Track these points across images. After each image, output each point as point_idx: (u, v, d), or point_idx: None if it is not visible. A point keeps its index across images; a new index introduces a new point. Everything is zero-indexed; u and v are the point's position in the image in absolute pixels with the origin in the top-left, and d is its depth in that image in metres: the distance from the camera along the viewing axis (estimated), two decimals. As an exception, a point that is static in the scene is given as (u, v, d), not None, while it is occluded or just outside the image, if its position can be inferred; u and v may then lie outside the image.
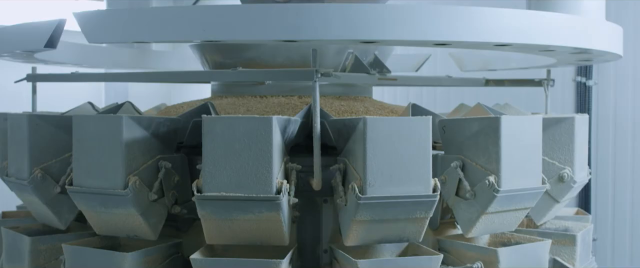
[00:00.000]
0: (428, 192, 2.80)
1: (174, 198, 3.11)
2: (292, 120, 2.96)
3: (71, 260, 3.08)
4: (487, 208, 2.98)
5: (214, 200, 2.73)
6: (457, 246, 3.21)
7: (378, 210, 2.78)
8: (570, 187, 3.45)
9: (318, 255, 3.30)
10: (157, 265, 3.11)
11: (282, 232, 2.86)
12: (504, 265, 3.03)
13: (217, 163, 2.73)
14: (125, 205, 2.92)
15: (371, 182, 2.73)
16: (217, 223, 2.82)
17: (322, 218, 3.29)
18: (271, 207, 2.73)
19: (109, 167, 2.91)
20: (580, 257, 3.56)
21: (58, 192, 3.24)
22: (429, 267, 2.88)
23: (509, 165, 2.94)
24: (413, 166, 2.77)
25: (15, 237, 3.39)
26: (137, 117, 3.00)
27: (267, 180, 2.71)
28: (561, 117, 3.45)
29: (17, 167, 3.34)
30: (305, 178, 3.04)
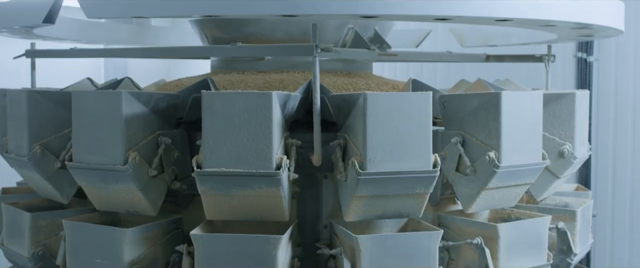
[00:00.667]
0: (428, 168, 2.79)
1: (174, 174, 3.10)
2: (292, 96, 2.95)
3: (71, 235, 3.08)
4: (487, 184, 2.97)
5: (214, 176, 2.73)
6: (457, 222, 3.21)
7: (378, 185, 2.78)
8: (571, 163, 3.45)
9: (318, 230, 3.31)
10: (157, 240, 3.11)
11: (282, 208, 2.86)
12: (503, 240, 3.03)
13: (216, 139, 2.72)
14: (125, 181, 2.92)
15: (371, 158, 2.73)
16: (217, 198, 2.82)
17: (322, 194, 3.29)
18: (271, 182, 2.73)
19: (109, 142, 2.90)
20: (580, 233, 3.57)
21: (58, 167, 3.24)
22: (429, 242, 2.88)
23: (509, 141, 2.93)
24: (413, 142, 2.76)
25: (16, 213, 3.40)
26: (136, 93, 2.99)
27: (267, 156, 2.71)
28: (562, 93, 3.44)
29: (16, 143, 3.33)
30: (305, 154, 3.04)
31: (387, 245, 2.83)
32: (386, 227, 3.16)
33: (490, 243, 3.03)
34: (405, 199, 2.87)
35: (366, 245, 2.81)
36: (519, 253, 3.10)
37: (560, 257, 3.50)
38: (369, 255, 2.81)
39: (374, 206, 2.87)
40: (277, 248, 2.75)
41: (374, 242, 2.83)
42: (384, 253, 2.82)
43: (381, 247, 2.83)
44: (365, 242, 2.81)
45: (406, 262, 2.84)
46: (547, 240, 3.23)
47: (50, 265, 3.32)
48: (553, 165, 3.42)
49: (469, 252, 3.11)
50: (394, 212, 2.94)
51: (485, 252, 3.01)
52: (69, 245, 3.09)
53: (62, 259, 3.13)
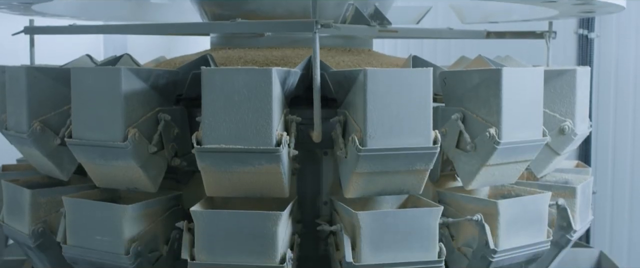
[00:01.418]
0: (428, 144, 2.79)
1: (174, 150, 3.10)
2: (291, 72, 2.94)
3: (71, 212, 3.08)
4: (487, 161, 2.97)
5: (214, 152, 2.73)
6: (457, 198, 3.21)
7: (378, 162, 2.77)
8: (571, 140, 3.44)
9: (318, 207, 3.31)
10: (157, 217, 3.11)
11: (282, 184, 2.86)
12: (503, 217, 3.03)
13: (216, 115, 2.71)
14: (124, 158, 2.92)
15: (371, 134, 2.72)
16: (217, 175, 2.82)
17: (322, 171, 3.29)
18: (271, 159, 2.73)
19: (108, 119, 2.90)
20: (580, 210, 3.57)
21: (58, 144, 3.23)
22: (429, 219, 2.88)
23: (510, 117, 2.92)
24: (413, 118, 2.76)
25: (16, 189, 3.40)
26: (136, 69, 2.98)
27: (266, 132, 2.70)
28: (562, 69, 3.43)
29: (16, 120, 3.33)
30: (305, 130, 3.03)
31: (387, 222, 2.83)
32: (386, 203, 3.16)
33: (490, 220, 3.03)
34: (406, 176, 2.87)
35: (366, 221, 2.81)
36: (519, 229, 3.10)
37: (560, 234, 3.51)
38: (369, 232, 2.81)
39: (374, 182, 2.87)
40: (277, 225, 2.75)
41: (374, 219, 2.83)
42: (384, 230, 2.82)
43: (381, 224, 2.82)
44: (365, 218, 2.81)
45: (406, 238, 2.84)
46: (547, 216, 3.23)
47: (51, 242, 3.32)
48: (553, 142, 3.41)
49: (469, 228, 3.11)
50: (394, 189, 2.94)
51: (485, 228, 3.01)
52: (69, 221, 3.09)
53: (63, 236, 3.13)
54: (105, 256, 3.01)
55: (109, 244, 2.99)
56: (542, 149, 3.20)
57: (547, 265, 3.71)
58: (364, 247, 2.82)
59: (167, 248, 3.16)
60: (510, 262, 3.12)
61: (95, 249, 3.02)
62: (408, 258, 2.86)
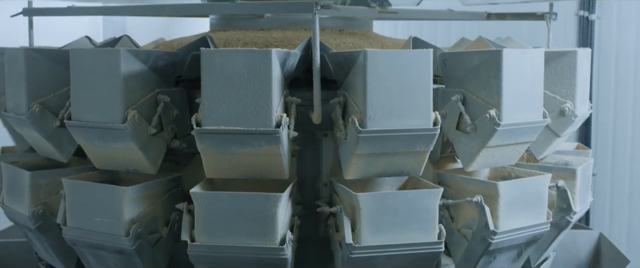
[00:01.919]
0: (428, 126, 2.78)
1: (173, 132, 3.10)
2: (291, 54, 2.93)
3: (71, 194, 3.08)
4: (487, 142, 2.96)
5: (214, 134, 2.72)
6: (457, 180, 3.21)
7: (378, 143, 2.77)
8: (571, 121, 3.43)
9: (318, 188, 3.31)
10: (157, 199, 3.11)
11: (281, 166, 2.86)
12: (503, 198, 3.03)
13: (216, 97, 2.70)
14: (124, 139, 2.91)
15: (371, 115, 2.71)
16: (216, 157, 2.82)
17: (322, 152, 3.29)
18: (271, 140, 2.72)
19: (108, 101, 2.89)
20: (580, 191, 3.57)
21: (57, 126, 3.23)
22: (429, 200, 2.88)
23: (510, 99, 2.91)
24: (413, 99, 2.75)
25: (15, 171, 3.39)
26: (135, 51, 2.97)
27: (266, 114, 2.69)
28: (563, 51, 3.42)
29: (15, 101, 3.32)
30: (305, 112, 3.03)
31: (387, 203, 2.83)
32: (386, 185, 3.17)
33: (490, 201, 3.03)
34: (405, 157, 2.87)
35: (366, 203, 2.81)
36: (519, 211, 3.10)
37: (559, 215, 3.51)
38: (369, 213, 2.81)
39: (374, 164, 2.87)
40: (276, 206, 2.75)
41: (374, 200, 2.83)
42: (383, 211, 2.82)
43: (381, 205, 2.83)
44: (365, 199, 2.81)
45: (406, 220, 2.85)
46: (547, 198, 3.23)
47: (51, 223, 3.32)
48: (554, 124, 3.40)
49: (469, 210, 3.11)
50: (394, 170, 2.94)
51: (485, 210, 3.01)
52: (69, 203, 3.09)
53: (62, 218, 3.13)
54: (105, 238, 3.01)
55: (109, 226, 2.99)
56: (542, 131, 3.19)
57: (546, 246, 3.71)
58: (363, 228, 2.82)
59: (167, 230, 3.16)
60: (510, 243, 3.12)
61: (95, 231, 3.03)
62: (408, 239, 2.86)
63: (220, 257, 2.84)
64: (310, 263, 3.35)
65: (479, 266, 3.15)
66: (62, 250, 3.43)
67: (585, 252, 4.64)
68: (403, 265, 2.94)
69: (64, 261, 3.51)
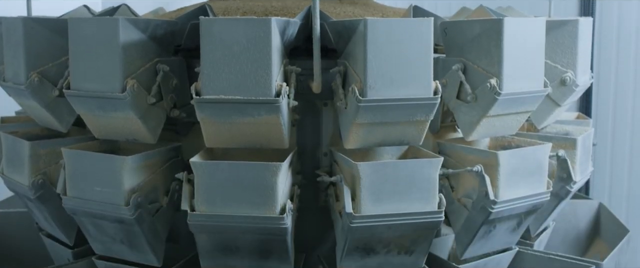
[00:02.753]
0: (429, 95, 2.77)
1: (173, 101, 3.09)
2: (291, 22, 2.91)
3: (71, 164, 3.08)
4: (488, 112, 2.95)
5: (213, 103, 2.71)
6: (457, 149, 3.20)
7: (378, 112, 2.76)
8: (572, 91, 3.43)
9: (318, 158, 3.31)
10: (157, 168, 3.11)
11: (281, 135, 2.85)
12: (504, 168, 3.03)
13: (215, 66, 2.69)
14: (123, 109, 2.90)
15: (371, 85, 2.70)
16: (216, 126, 2.81)
17: (322, 122, 3.28)
18: (270, 109, 2.71)
19: (107, 70, 2.88)
20: (580, 161, 3.57)
21: (56, 96, 3.22)
22: (429, 170, 2.88)
23: (511, 68, 2.90)
24: (414, 68, 2.74)
25: (15, 141, 3.39)
26: (133, 19, 2.95)
27: (266, 83, 2.68)
28: (565, 20, 3.40)
29: (13, 71, 3.31)
30: (305, 81, 3.01)
31: (387, 172, 2.83)
32: (386, 154, 3.16)
33: (490, 171, 3.02)
34: (406, 126, 2.86)
35: (366, 172, 2.80)
36: (519, 180, 3.09)
37: (560, 185, 3.51)
38: (369, 183, 2.81)
39: (374, 133, 2.86)
40: (276, 176, 2.75)
41: (374, 169, 2.82)
42: (384, 181, 2.82)
43: (381, 174, 2.82)
44: (365, 169, 2.81)
45: (406, 189, 2.84)
46: (547, 167, 3.22)
47: (50, 193, 3.33)
48: (554, 93, 3.39)
49: (469, 179, 3.11)
50: (394, 139, 2.93)
51: (485, 179, 3.01)
52: (68, 173, 3.09)
53: (62, 187, 3.13)
54: (105, 207, 3.01)
55: (109, 195, 2.99)
56: (543, 100, 3.18)
57: (546, 216, 3.72)
58: (363, 197, 2.82)
59: (167, 200, 3.17)
60: (509, 213, 3.13)
61: (95, 200, 3.03)
62: (408, 209, 2.86)
63: (220, 227, 2.85)
64: (311, 233, 3.36)
65: (478, 235, 3.16)
66: (62, 220, 3.43)
67: (585, 222, 4.65)
68: (403, 234, 2.95)
69: (64, 231, 3.52)
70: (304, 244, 3.26)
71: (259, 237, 2.88)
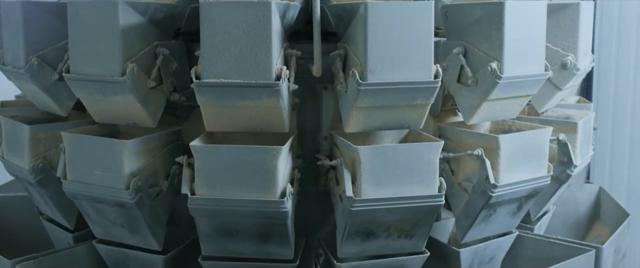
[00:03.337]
0: (429, 78, 2.76)
1: (173, 85, 3.08)
2: (291, 5, 2.90)
3: (71, 148, 3.07)
4: (488, 95, 2.95)
5: (213, 87, 2.71)
6: (457, 133, 3.20)
7: (379, 96, 2.75)
8: (573, 75, 3.42)
9: (318, 142, 3.30)
10: (157, 152, 3.11)
11: (281, 119, 2.85)
12: (504, 152, 3.02)
13: (215, 49, 2.68)
14: (123, 93, 2.90)
15: (372, 68, 2.70)
16: (216, 110, 2.80)
17: (322, 105, 3.28)
18: (271, 93, 2.71)
19: (106, 54, 2.87)
20: (581, 145, 3.56)
21: (56, 79, 3.21)
22: (430, 153, 2.87)
23: (512, 52, 2.89)
24: (414, 52, 2.73)
25: (15, 125, 3.38)
26: (133, 3, 2.93)
27: (266, 66, 2.67)
28: (566, 3, 3.39)
29: (13, 55, 3.30)
30: (305, 64, 3.01)
31: (388, 156, 2.82)
32: (387, 138, 3.16)
33: (490, 155, 3.02)
34: (406, 110, 2.85)
35: (367, 156, 2.80)
36: (520, 164, 3.09)
37: (560, 169, 3.51)
38: (370, 166, 2.81)
39: (375, 117, 2.85)
40: (277, 159, 2.74)
41: (374, 153, 2.82)
42: (384, 164, 2.82)
43: (382, 158, 2.82)
44: (366, 152, 2.80)
45: (406, 173, 2.84)
46: (547, 151, 3.22)
47: (51, 177, 3.33)
48: (555, 77, 3.39)
49: (470, 163, 3.11)
50: (395, 123, 2.93)
51: (486, 163, 3.00)
52: (68, 157, 3.08)
53: (62, 171, 3.13)
54: (106, 191, 3.01)
55: (109, 179, 2.99)
56: (543, 84, 3.18)
57: (546, 200, 3.72)
58: (364, 181, 2.82)
59: (167, 183, 3.17)
60: (510, 196, 3.12)
61: (95, 184, 3.02)
62: (408, 192, 2.86)
63: (221, 210, 2.85)
64: (311, 217, 3.36)
65: (479, 219, 3.16)
66: (62, 204, 3.43)
67: (585, 206, 4.65)
68: (403, 218, 2.95)
69: (64, 215, 3.52)
70: (304, 228, 3.27)
71: (259, 220, 2.88)
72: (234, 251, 3.04)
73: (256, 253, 3.04)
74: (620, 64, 6.84)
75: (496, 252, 3.47)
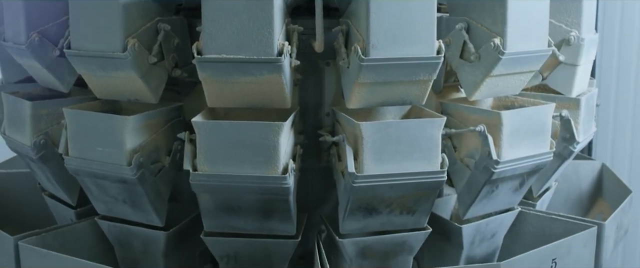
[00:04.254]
0: (432, 54, 2.75)
1: (174, 61, 3.07)
2: (293, -19, 2.89)
3: (73, 124, 3.07)
4: (491, 71, 2.94)
5: (215, 62, 2.69)
6: (460, 109, 3.19)
7: (381, 72, 2.74)
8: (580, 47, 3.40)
9: (320, 118, 3.30)
10: (159, 128, 3.10)
11: (283, 95, 2.84)
12: (507, 128, 3.01)
13: (217, 24, 2.67)
14: (124, 68, 2.89)
15: (374, 44, 2.68)
16: (218, 85, 2.79)
17: (324, 81, 3.27)
18: (272, 69, 2.69)
19: (107, 29, 2.86)
20: (584, 121, 3.55)
21: (57, 55, 3.20)
22: (432, 129, 2.87)
23: (515, 27, 2.88)
24: (417, 27, 2.71)
25: (16, 101, 3.38)
26: (134, -22, 2.92)
27: (268, 42, 2.66)
28: (570, -21, 3.37)
29: (13, 31, 3.29)
30: (307, 40, 3.00)
31: (390, 132, 2.82)
32: (389, 114, 3.15)
33: (493, 131, 3.01)
34: (408, 86, 2.84)
35: (369, 132, 2.79)
36: (522, 140, 3.08)
37: (562, 145, 3.50)
38: (372, 142, 2.80)
39: (377, 93, 2.84)
40: (279, 135, 2.74)
41: (376, 129, 2.81)
42: (386, 140, 2.81)
43: (384, 134, 2.81)
44: (368, 128, 2.80)
45: (409, 149, 2.84)
46: (550, 127, 3.21)
47: (53, 153, 3.32)
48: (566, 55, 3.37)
49: (472, 139, 3.10)
50: (397, 99, 2.92)
51: (488, 139, 3.00)
52: (70, 133, 3.08)
53: (64, 147, 3.13)
54: (108, 167, 3.01)
55: (111, 155, 2.98)
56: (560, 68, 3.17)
57: (549, 176, 3.72)
58: (366, 157, 2.82)
59: (169, 159, 3.16)
60: (512, 173, 3.12)
61: (97, 160, 3.02)
62: (410, 168, 2.86)
63: (223, 186, 2.85)
64: (313, 193, 3.36)
65: (481, 195, 3.16)
66: (64, 180, 3.43)
67: (587, 182, 4.65)
68: (405, 194, 2.95)
69: (66, 191, 3.52)
70: (306, 204, 3.27)
71: (261, 196, 2.88)
72: (236, 227, 3.04)
73: (258, 229, 3.05)
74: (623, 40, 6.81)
75: (498, 228, 3.47)
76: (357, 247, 3.13)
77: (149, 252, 3.32)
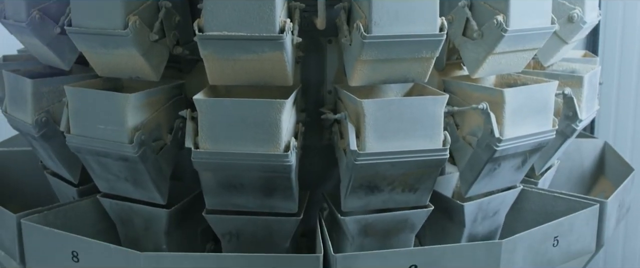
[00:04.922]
0: (434, 31, 2.74)
1: (176, 38, 3.06)
2: (295, -43, 2.87)
3: (74, 101, 3.06)
4: (494, 48, 2.93)
5: (216, 40, 2.68)
6: (462, 87, 3.18)
7: (383, 49, 2.73)
8: (580, 28, 3.39)
9: (322, 95, 3.29)
10: (160, 106, 3.09)
11: (285, 72, 2.83)
12: (509, 105, 3.00)
13: (218, 1, 2.65)
14: (125, 46, 2.88)
15: (376, 21, 2.67)
16: (219, 63, 2.78)
17: (326, 59, 3.26)
18: (274, 46, 2.68)
19: (108, 6, 2.85)
20: (586, 99, 3.54)
21: (58, 33, 3.19)
22: (434, 107, 2.86)
23: (518, 4, 2.87)
24: (420, 4, 2.70)
25: (18, 79, 3.37)
26: (134, -45, 2.91)
27: (270, 19, 2.65)
28: (573, -45, 3.35)
29: (14, 8, 3.28)
30: (309, 17, 2.99)
31: (392, 110, 2.81)
32: (391, 91, 3.14)
33: (495, 109, 3.00)
34: (411, 63, 2.83)
35: (371, 109, 2.78)
36: (525, 118, 3.08)
37: (565, 123, 3.50)
38: (374, 120, 2.79)
39: (379, 70, 2.83)
40: (280, 113, 2.73)
41: (378, 107, 2.80)
42: (388, 118, 2.80)
43: (386, 112, 2.80)
44: (370, 106, 2.79)
45: (411, 127, 2.83)
46: (553, 105, 3.20)
47: (54, 131, 3.32)
48: (561, 30, 3.36)
49: (474, 117, 3.09)
50: (399, 77, 2.91)
51: (491, 116, 2.99)
52: (71, 111, 3.07)
53: (66, 125, 3.12)
54: (109, 145, 3.01)
55: (113, 133, 2.98)
56: (549, 37, 3.15)
57: (551, 154, 3.71)
58: (368, 135, 2.81)
59: (171, 137, 3.16)
60: (514, 150, 3.11)
61: (98, 138, 3.02)
62: (412, 146, 2.85)
63: (224, 164, 2.84)
64: (315, 171, 3.36)
65: (483, 173, 3.15)
66: (66, 158, 3.43)
67: (590, 161, 4.64)
68: (407, 171, 2.94)
69: (68, 169, 3.52)
70: (308, 182, 3.26)
71: (263, 174, 2.88)
72: (238, 205, 3.04)
73: (260, 207, 3.05)
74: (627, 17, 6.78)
75: (500, 206, 3.47)
76: (359, 225, 3.13)
77: (151, 229, 3.32)
